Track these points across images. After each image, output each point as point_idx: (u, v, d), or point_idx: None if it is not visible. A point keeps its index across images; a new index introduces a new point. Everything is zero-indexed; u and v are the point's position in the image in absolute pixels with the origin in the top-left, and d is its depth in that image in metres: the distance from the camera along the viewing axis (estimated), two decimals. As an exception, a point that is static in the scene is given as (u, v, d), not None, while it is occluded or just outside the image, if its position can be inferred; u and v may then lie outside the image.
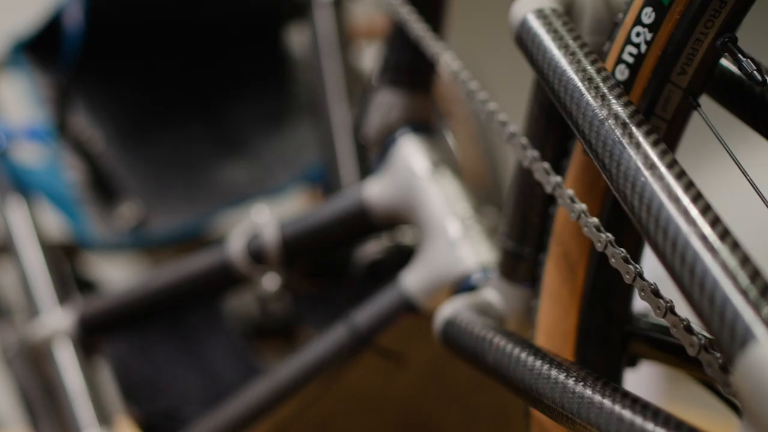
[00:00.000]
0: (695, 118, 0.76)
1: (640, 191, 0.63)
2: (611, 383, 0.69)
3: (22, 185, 1.52)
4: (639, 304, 0.77)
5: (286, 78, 1.57)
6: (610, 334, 0.83)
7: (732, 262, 0.57)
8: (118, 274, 1.82)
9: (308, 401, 1.10)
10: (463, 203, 1.03)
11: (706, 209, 0.60)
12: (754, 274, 0.56)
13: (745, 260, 0.57)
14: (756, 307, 0.54)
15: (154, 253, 1.63)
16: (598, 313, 0.83)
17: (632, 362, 0.87)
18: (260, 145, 1.59)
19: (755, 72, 0.68)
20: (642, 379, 1.48)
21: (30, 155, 1.59)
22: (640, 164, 0.64)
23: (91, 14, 1.43)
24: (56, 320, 1.37)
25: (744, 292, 0.55)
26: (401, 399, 1.13)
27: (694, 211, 0.60)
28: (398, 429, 1.16)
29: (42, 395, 1.45)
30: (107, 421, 1.32)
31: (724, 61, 0.76)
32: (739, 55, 0.69)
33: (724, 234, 0.59)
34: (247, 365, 1.37)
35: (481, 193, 1.88)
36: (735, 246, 0.58)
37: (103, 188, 1.52)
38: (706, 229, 0.59)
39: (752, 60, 0.69)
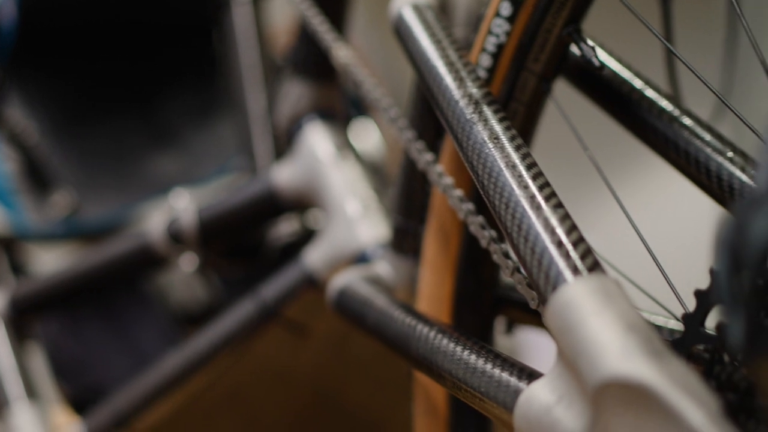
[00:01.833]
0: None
1: (484, 160, 0.72)
2: (481, 343, 0.76)
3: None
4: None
5: (216, 73, 1.65)
6: (481, 299, 0.92)
7: (553, 219, 0.65)
8: (55, 265, 1.88)
9: (220, 372, 1.18)
10: (364, 185, 1.11)
11: (537, 175, 0.69)
12: (570, 229, 0.65)
13: (564, 218, 0.65)
14: (567, 256, 0.63)
15: (87, 242, 1.69)
16: (469, 279, 0.91)
17: (509, 328, 0.96)
18: (189, 138, 1.67)
19: (593, 58, 0.77)
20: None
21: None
22: (485, 137, 0.73)
23: (24, 11, 1.51)
24: None
25: (559, 244, 0.64)
26: (308, 370, 1.21)
27: (527, 176, 0.69)
28: (306, 398, 1.24)
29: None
30: (36, 395, 1.39)
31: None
32: (581, 43, 0.78)
33: (550, 196, 0.67)
34: (174, 345, 1.45)
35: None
36: (557, 206, 0.66)
37: (38, 178, 1.59)
38: (535, 191, 0.68)
39: (592, 47, 0.78)
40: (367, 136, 1.59)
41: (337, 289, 0.98)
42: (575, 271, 0.62)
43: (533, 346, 1.69)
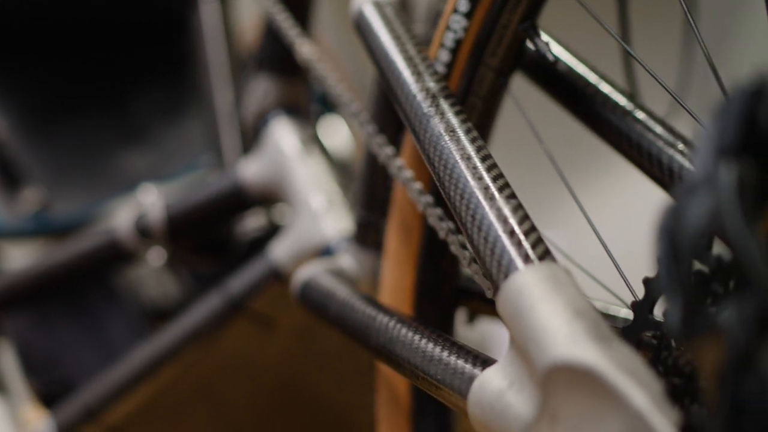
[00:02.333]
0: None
1: (440, 152, 0.73)
2: (438, 332, 0.78)
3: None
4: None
5: (185, 70, 1.66)
6: (442, 291, 0.93)
7: (505, 209, 0.67)
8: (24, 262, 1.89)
9: (187, 365, 1.19)
10: (329, 180, 1.13)
11: (491, 167, 0.71)
12: (522, 219, 0.66)
13: (517, 208, 0.67)
14: (519, 245, 0.65)
15: (57, 239, 1.70)
16: (430, 271, 0.92)
17: (470, 319, 0.97)
18: (159, 135, 1.68)
19: (548, 53, 0.79)
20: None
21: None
22: (442, 130, 0.74)
23: None
24: None
25: (511, 233, 0.66)
26: (275, 362, 1.22)
27: (481, 168, 0.70)
28: (273, 390, 1.25)
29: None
30: (5, 390, 1.40)
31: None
32: (536, 38, 0.80)
33: (503, 187, 0.69)
34: (144, 340, 1.46)
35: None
36: (510, 197, 0.68)
37: (7, 175, 1.60)
38: (489, 183, 0.69)
39: (546, 43, 0.80)
40: (335, 132, 1.60)
41: (301, 282, 0.99)
42: (526, 259, 0.64)
43: (502, 338, 1.70)
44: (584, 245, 0.86)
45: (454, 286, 0.94)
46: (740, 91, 0.47)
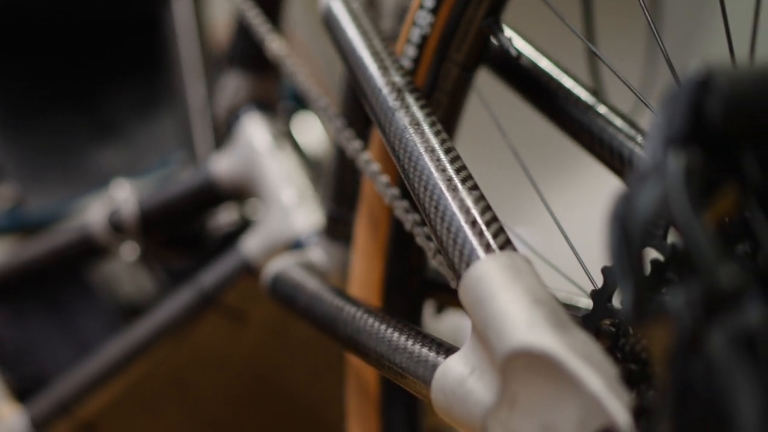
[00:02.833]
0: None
1: (405, 145, 0.75)
2: (403, 321, 0.79)
3: None
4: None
5: (159, 67, 1.67)
6: (410, 283, 0.95)
7: (468, 200, 0.69)
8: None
9: (160, 358, 1.20)
10: (300, 174, 1.14)
11: (455, 159, 0.72)
12: (484, 210, 0.68)
13: (479, 199, 0.69)
14: (481, 235, 0.66)
15: (30, 235, 1.71)
16: (398, 264, 0.94)
17: (438, 311, 0.99)
18: (133, 131, 1.69)
19: (510, 48, 0.80)
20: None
21: None
22: (407, 123, 0.76)
23: None
24: None
25: (473, 223, 0.67)
26: (247, 355, 1.23)
27: (445, 160, 0.72)
28: (245, 383, 1.26)
29: None
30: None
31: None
32: (499, 34, 0.81)
33: (466, 178, 0.70)
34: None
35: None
36: (473, 188, 0.70)
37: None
38: (452, 174, 0.71)
39: (509, 39, 0.81)
40: (308, 129, 1.61)
41: (272, 275, 1.00)
42: (487, 248, 0.65)
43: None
44: (552, 238, 0.87)
45: (421, 278, 0.95)
46: (687, 83, 0.49)
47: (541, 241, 0.90)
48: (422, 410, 0.97)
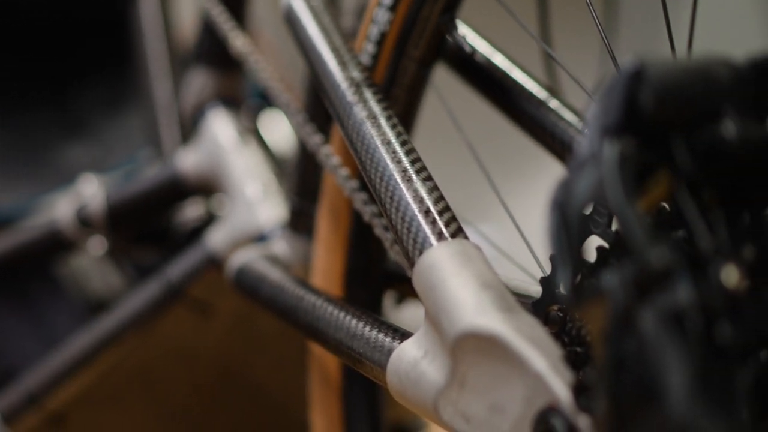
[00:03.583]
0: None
1: (362, 138, 0.77)
2: (361, 309, 0.82)
3: None
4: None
5: (127, 64, 1.68)
6: (370, 275, 0.97)
7: (422, 190, 0.71)
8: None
9: (127, 351, 1.22)
10: (265, 169, 1.16)
11: (410, 151, 0.75)
12: (437, 199, 0.70)
13: (432, 189, 0.71)
14: (434, 223, 0.69)
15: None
16: (359, 256, 0.96)
17: (399, 301, 1.01)
18: (101, 128, 1.71)
19: (465, 45, 0.83)
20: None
21: None
22: (364, 117, 0.78)
23: None
24: None
25: (426, 212, 0.70)
26: (214, 348, 1.26)
27: (400, 152, 0.74)
28: (212, 375, 1.28)
29: None
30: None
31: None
32: (454, 30, 0.84)
33: (420, 170, 0.73)
34: None
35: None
36: (427, 179, 0.72)
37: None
38: (407, 165, 0.73)
39: (464, 36, 0.84)
40: (275, 126, 1.64)
41: (236, 267, 1.02)
42: (440, 236, 0.68)
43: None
44: (510, 229, 0.90)
45: (382, 269, 0.97)
46: (622, 74, 0.52)
47: (499, 233, 0.92)
48: (383, 398, 1.00)
